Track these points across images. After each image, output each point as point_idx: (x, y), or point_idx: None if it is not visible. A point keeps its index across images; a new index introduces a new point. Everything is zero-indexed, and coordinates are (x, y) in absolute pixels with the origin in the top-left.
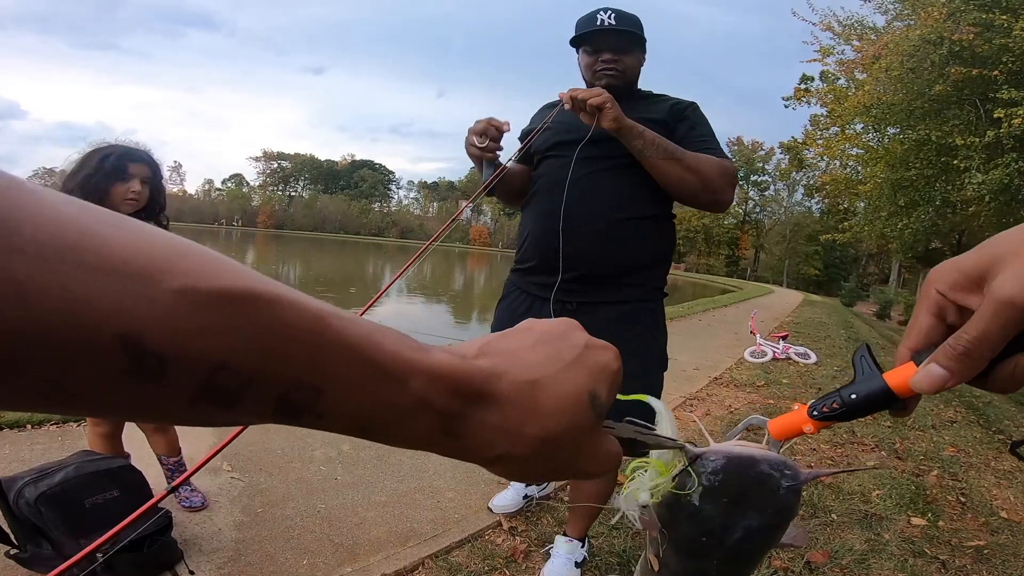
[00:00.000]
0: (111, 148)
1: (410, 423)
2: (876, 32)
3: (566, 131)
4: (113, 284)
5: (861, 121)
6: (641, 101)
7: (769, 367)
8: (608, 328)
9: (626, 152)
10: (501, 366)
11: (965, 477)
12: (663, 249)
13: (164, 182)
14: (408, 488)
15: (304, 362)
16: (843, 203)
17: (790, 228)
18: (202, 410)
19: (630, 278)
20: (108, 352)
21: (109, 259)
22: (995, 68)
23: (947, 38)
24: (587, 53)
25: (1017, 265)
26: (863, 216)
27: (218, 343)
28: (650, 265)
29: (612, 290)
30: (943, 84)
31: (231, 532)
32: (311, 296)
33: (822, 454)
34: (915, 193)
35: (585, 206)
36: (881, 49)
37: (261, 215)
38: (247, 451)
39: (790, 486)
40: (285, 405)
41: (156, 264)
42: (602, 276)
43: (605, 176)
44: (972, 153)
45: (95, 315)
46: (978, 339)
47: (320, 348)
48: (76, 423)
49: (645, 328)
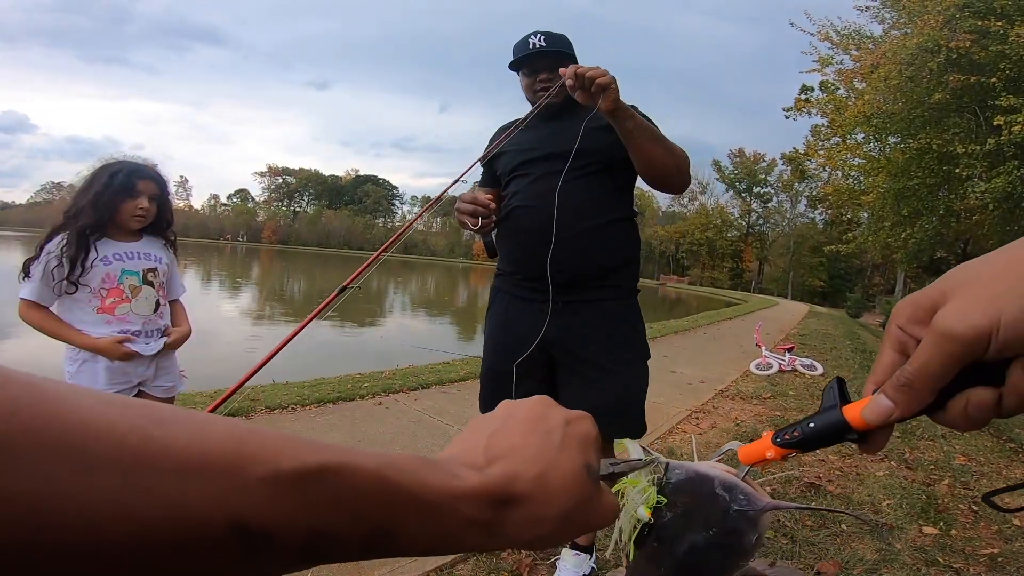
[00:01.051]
0: (120, 165)
1: (463, 538)
2: (874, 41)
3: (529, 149)
4: (205, 483)
5: (862, 131)
6: (582, 111)
7: (775, 379)
8: (595, 325)
9: (590, 161)
10: (512, 469)
11: (977, 486)
12: (634, 249)
13: (171, 197)
14: None
15: (376, 516)
16: (846, 214)
17: (793, 240)
18: (302, 566)
19: (609, 279)
20: (224, 539)
21: (189, 461)
22: (993, 75)
23: (944, 46)
24: (525, 75)
25: (960, 298)
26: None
27: (307, 513)
28: (625, 264)
29: (594, 290)
30: (942, 92)
31: None
32: (364, 451)
33: (830, 465)
34: (918, 202)
35: (565, 216)
36: (879, 58)
37: (266, 230)
38: None
39: (740, 510)
40: (367, 550)
41: (238, 456)
42: (585, 279)
43: (578, 185)
44: (974, 161)
45: (202, 512)
46: (918, 371)
47: (387, 504)
48: None
49: (627, 322)
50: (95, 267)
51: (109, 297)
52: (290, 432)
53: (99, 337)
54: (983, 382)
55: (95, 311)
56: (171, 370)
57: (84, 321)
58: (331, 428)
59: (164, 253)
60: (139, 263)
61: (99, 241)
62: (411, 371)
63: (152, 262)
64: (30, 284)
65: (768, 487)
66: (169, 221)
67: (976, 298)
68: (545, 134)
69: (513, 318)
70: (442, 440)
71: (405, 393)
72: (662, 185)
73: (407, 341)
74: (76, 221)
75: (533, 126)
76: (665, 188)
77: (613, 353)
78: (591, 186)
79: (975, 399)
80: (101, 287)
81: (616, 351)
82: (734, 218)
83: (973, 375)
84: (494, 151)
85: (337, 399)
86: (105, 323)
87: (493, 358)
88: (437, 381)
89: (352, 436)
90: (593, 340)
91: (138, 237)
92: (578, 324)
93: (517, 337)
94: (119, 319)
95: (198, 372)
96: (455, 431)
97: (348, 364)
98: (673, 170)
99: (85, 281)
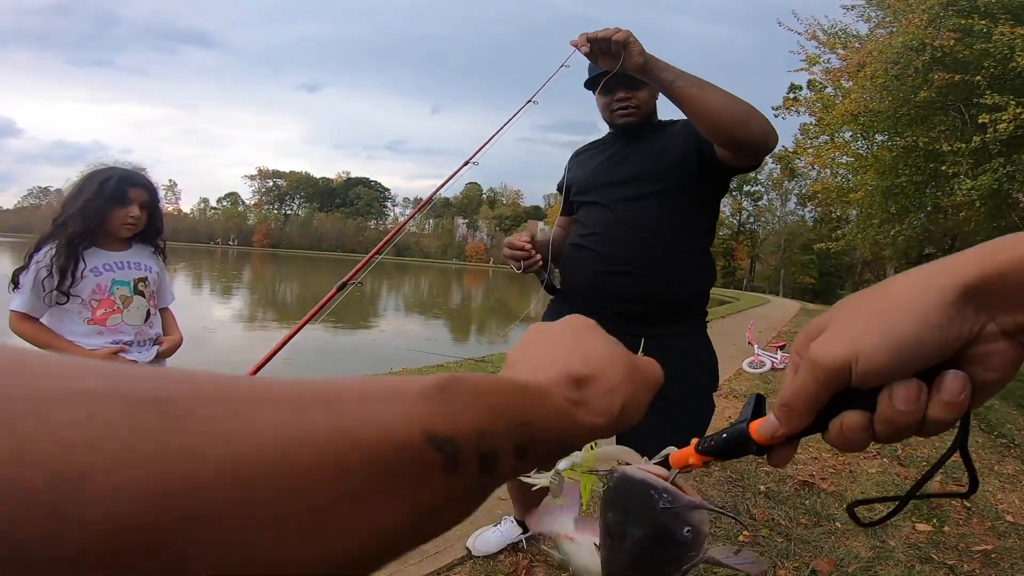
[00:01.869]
0: (110, 171)
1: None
2: (860, 40)
3: (596, 174)
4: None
5: (849, 129)
6: (665, 130)
7: (768, 377)
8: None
9: (660, 185)
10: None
11: (968, 482)
12: (705, 282)
13: (162, 204)
14: None
15: (517, 411)
16: (836, 211)
17: (784, 238)
18: (481, 484)
19: (677, 313)
20: (424, 451)
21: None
22: (977, 73)
23: (929, 44)
24: (602, 95)
25: (833, 329)
26: (856, 224)
27: (467, 414)
28: (694, 299)
29: (661, 325)
30: (927, 90)
31: None
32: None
33: (823, 463)
34: (906, 200)
35: (623, 246)
36: (865, 57)
37: (257, 234)
38: None
39: (665, 508)
40: (520, 456)
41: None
42: (651, 311)
43: (644, 212)
44: (960, 159)
45: (400, 426)
46: (794, 394)
47: (519, 395)
48: None
49: (696, 359)
50: (85, 278)
51: (100, 308)
52: None
53: (92, 350)
54: (859, 406)
55: (86, 322)
56: None
57: (75, 332)
58: None
59: (154, 261)
60: (130, 273)
61: (88, 250)
62: (406, 375)
63: (142, 271)
64: (20, 296)
65: (763, 485)
66: (159, 229)
67: (842, 331)
68: (616, 159)
69: None
70: None
71: None
72: (740, 136)
73: (402, 344)
74: (65, 230)
75: (610, 151)
76: (742, 142)
77: (687, 390)
78: (658, 213)
79: (847, 422)
80: (92, 298)
81: (688, 388)
82: (725, 216)
83: (850, 399)
84: (482, 150)
85: None
86: (97, 334)
87: None
88: None
89: None
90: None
91: (127, 245)
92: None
93: None
94: (111, 330)
95: None
96: None
97: (343, 368)
98: (742, 115)
99: (76, 292)
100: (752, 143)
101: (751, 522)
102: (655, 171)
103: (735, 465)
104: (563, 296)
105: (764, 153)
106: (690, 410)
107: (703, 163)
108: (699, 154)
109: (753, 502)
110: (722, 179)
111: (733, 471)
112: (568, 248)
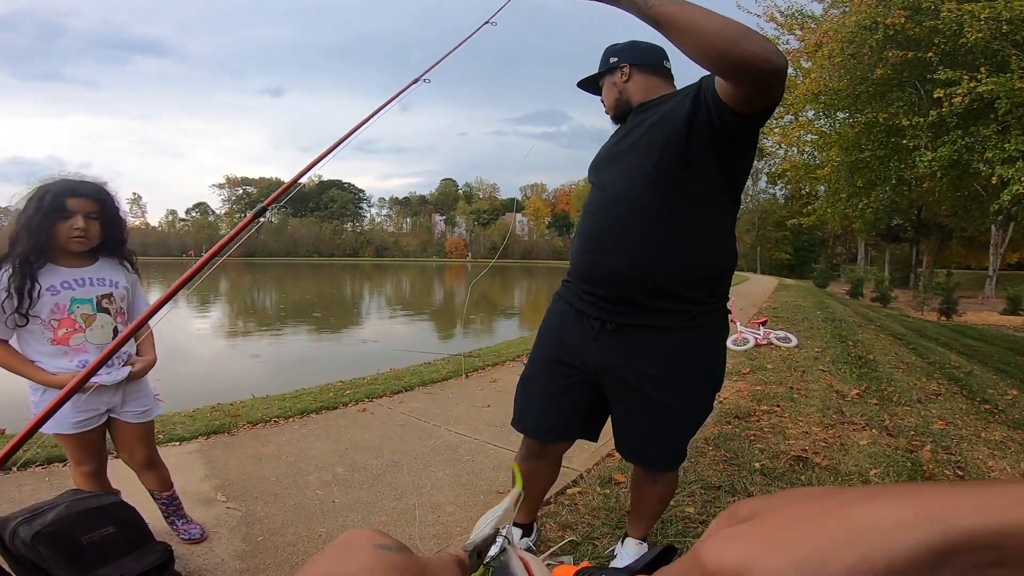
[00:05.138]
0: (51, 185)
1: None
2: (816, 21)
3: (598, 158)
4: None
5: (811, 108)
6: (665, 103)
7: (753, 354)
8: (653, 356)
9: (646, 161)
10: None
11: (958, 450)
12: (715, 263)
13: (124, 215)
14: (407, 505)
15: None
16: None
17: (758, 216)
18: None
19: (670, 302)
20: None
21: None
22: (929, 50)
23: (881, 23)
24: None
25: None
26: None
27: None
28: (696, 283)
29: (654, 314)
30: (883, 68)
31: (234, 562)
32: None
33: (814, 436)
34: (871, 173)
35: (619, 224)
36: (822, 37)
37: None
38: (240, 480)
39: None
40: None
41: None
42: (640, 298)
43: (639, 189)
44: (919, 133)
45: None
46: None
47: None
48: (62, 463)
49: (696, 351)
50: (42, 297)
51: (61, 328)
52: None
53: (55, 373)
54: None
55: (49, 342)
56: (141, 395)
57: (41, 352)
58: (316, 438)
59: (122, 276)
60: (92, 290)
61: (43, 268)
62: (393, 375)
63: (107, 287)
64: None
65: (757, 463)
66: (120, 240)
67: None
68: (612, 141)
69: (569, 326)
70: (429, 441)
71: (389, 397)
72: (735, 60)
73: (387, 345)
74: (15, 248)
75: (615, 137)
76: (740, 62)
77: (671, 386)
78: (654, 190)
79: None
80: (51, 318)
81: (674, 385)
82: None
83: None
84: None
85: (320, 408)
86: (62, 354)
87: (539, 351)
88: (420, 383)
89: (338, 444)
90: (647, 375)
91: (91, 260)
92: (631, 350)
93: (566, 348)
94: (75, 350)
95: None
96: (441, 432)
97: (329, 373)
98: (734, 32)
99: (34, 312)
100: (753, 62)
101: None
102: (641, 147)
103: (729, 444)
104: (565, 284)
105: (771, 77)
106: (673, 408)
107: (710, 122)
108: (692, 115)
109: (750, 480)
110: (734, 139)
111: (727, 450)
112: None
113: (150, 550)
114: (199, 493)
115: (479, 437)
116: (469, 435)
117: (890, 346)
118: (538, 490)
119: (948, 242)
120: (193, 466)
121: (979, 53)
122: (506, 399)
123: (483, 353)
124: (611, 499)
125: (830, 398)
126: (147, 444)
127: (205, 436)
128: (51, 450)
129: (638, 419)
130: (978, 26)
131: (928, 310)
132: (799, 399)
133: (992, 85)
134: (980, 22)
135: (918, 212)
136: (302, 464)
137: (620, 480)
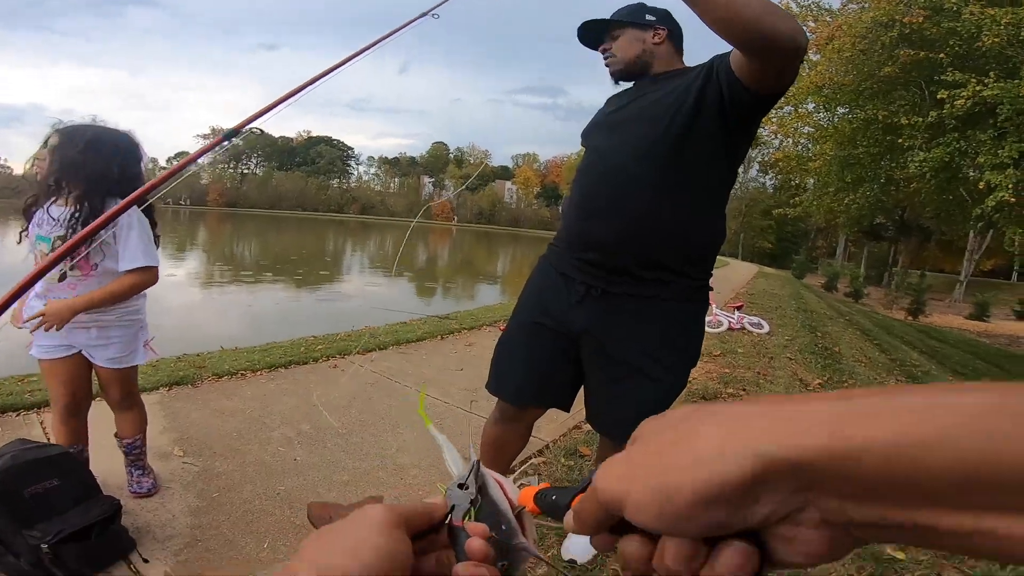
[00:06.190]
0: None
1: None
2: (831, 14)
3: (596, 121)
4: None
5: (813, 100)
6: (680, 76)
7: (725, 337)
8: (629, 325)
9: (647, 131)
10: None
11: None
12: (701, 237)
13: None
14: (370, 466)
15: None
16: (795, 179)
17: (745, 203)
18: None
19: (663, 273)
20: None
21: None
22: (942, 51)
23: (899, 20)
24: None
25: (625, 456)
26: (813, 192)
27: None
28: (688, 261)
29: (642, 284)
30: (892, 66)
31: (186, 518)
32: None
33: None
34: (861, 170)
35: (618, 193)
36: (835, 30)
37: (211, 193)
38: (200, 434)
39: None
40: None
41: None
42: (626, 266)
43: (632, 157)
44: (916, 132)
45: None
46: (580, 506)
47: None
48: (15, 412)
49: (669, 329)
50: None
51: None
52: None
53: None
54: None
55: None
56: (119, 340)
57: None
58: (283, 393)
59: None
60: (50, 229)
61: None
62: (368, 332)
63: (61, 228)
64: None
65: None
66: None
67: (627, 464)
68: (613, 107)
69: (548, 291)
70: (399, 402)
71: (361, 355)
72: (763, 34)
73: (365, 303)
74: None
75: (616, 103)
76: (768, 38)
77: (652, 357)
78: (655, 162)
79: (625, 547)
80: (30, 253)
81: (656, 356)
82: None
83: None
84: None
85: (289, 363)
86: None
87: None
88: (395, 342)
89: (306, 400)
90: (630, 343)
91: (76, 202)
92: (612, 319)
93: (548, 311)
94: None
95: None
96: (413, 393)
97: (302, 328)
98: (762, 5)
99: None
100: (780, 39)
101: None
102: (646, 118)
103: None
104: (551, 247)
105: (795, 56)
106: (652, 379)
107: (720, 99)
108: (702, 92)
109: None
110: (744, 118)
111: None
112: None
113: (96, 503)
114: (156, 448)
115: (449, 400)
116: (440, 398)
117: (856, 340)
118: (507, 456)
119: (927, 244)
120: (152, 418)
121: (992, 58)
122: (481, 363)
123: (460, 316)
124: (575, 471)
125: (794, 386)
126: (120, 387)
127: (167, 387)
128: (5, 398)
129: (614, 388)
130: (997, 31)
131: (897, 308)
132: (764, 385)
133: (997, 90)
134: (1000, 27)
135: (902, 213)
136: (266, 420)
137: (585, 453)
